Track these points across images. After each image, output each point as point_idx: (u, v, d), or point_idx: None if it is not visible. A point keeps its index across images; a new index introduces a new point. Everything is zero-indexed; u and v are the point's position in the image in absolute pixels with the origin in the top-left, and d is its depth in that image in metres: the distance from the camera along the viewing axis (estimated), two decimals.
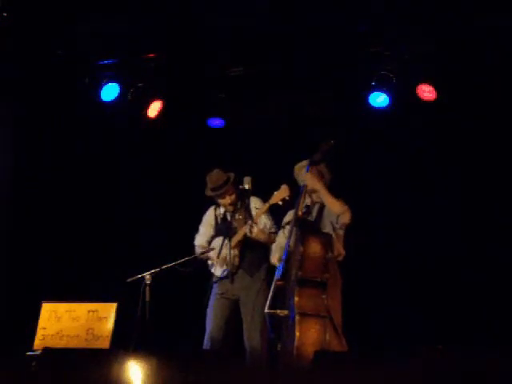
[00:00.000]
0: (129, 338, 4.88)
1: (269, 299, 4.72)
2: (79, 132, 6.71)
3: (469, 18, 5.38)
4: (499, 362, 2.98)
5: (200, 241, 5.59)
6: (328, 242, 4.74)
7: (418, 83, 5.94)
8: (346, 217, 4.86)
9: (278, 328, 4.66)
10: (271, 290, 4.75)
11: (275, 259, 5.02)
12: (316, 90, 6.36)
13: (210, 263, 5.49)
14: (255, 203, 5.43)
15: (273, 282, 4.79)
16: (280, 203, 5.18)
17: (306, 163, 5.10)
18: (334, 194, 4.91)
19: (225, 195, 5.40)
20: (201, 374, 3.27)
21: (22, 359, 4.47)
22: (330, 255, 4.69)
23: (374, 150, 6.32)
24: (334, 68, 6.08)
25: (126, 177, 6.89)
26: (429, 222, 6.10)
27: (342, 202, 4.89)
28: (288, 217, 5.18)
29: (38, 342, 5.08)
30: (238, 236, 5.32)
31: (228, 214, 5.49)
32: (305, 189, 4.97)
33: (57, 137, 6.70)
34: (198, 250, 5.52)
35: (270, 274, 5.19)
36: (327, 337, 4.46)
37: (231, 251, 5.26)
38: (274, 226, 5.37)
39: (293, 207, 5.04)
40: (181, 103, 6.66)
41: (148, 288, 5.02)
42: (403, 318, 5.83)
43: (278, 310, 4.66)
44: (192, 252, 5.51)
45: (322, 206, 5.03)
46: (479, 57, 5.64)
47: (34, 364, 3.73)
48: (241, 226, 5.35)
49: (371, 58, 5.96)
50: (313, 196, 5.11)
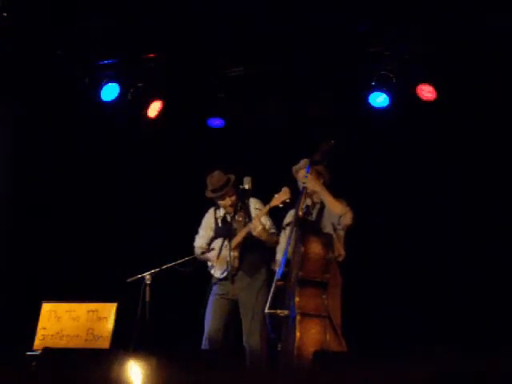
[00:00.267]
0: (129, 338, 4.88)
1: (269, 299, 4.72)
2: (79, 132, 6.70)
3: (469, 18, 5.38)
4: (499, 362, 2.98)
5: (200, 243, 5.60)
6: (328, 242, 4.74)
7: (417, 83, 5.94)
8: (347, 218, 4.86)
9: (278, 328, 4.67)
10: (271, 290, 4.75)
11: (277, 266, 5.00)
12: (316, 90, 6.36)
13: (210, 264, 5.49)
14: (255, 204, 5.44)
15: (273, 282, 4.80)
16: (280, 206, 5.19)
17: (303, 164, 5.10)
18: (334, 195, 4.92)
19: (225, 197, 5.41)
20: (201, 374, 3.27)
21: (21, 359, 4.48)
22: (330, 256, 4.70)
23: (374, 149, 6.31)
24: (333, 68, 6.07)
25: (125, 177, 6.88)
26: (429, 221, 6.09)
27: (344, 203, 4.89)
28: (289, 217, 5.18)
29: (38, 342, 5.09)
30: (238, 237, 5.33)
31: (228, 215, 5.50)
32: (305, 190, 4.97)
33: (57, 137, 6.70)
34: (197, 251, 5.53)
35: (269, 274, 5.20)
36: (327, 337, 4.47)
37: (231, 253, 5.27)
38: (273, 227, 5.38)
39: (293, 207, 5.05)
40: (181, 103, 6.65)
41: (148, 288, 5.02)
42: (403, 318, 5.83)
43: (279, 310, 4.67)
44: (192, 252, 5.52)
45: (322, 206, 5.03)
46: (479, 57, 5.63)
47: (33, 364, 3.73)
48: (240, 227, 5.36)
49: (371, 58, 5.96)
50: (313, 197, 5.11)
